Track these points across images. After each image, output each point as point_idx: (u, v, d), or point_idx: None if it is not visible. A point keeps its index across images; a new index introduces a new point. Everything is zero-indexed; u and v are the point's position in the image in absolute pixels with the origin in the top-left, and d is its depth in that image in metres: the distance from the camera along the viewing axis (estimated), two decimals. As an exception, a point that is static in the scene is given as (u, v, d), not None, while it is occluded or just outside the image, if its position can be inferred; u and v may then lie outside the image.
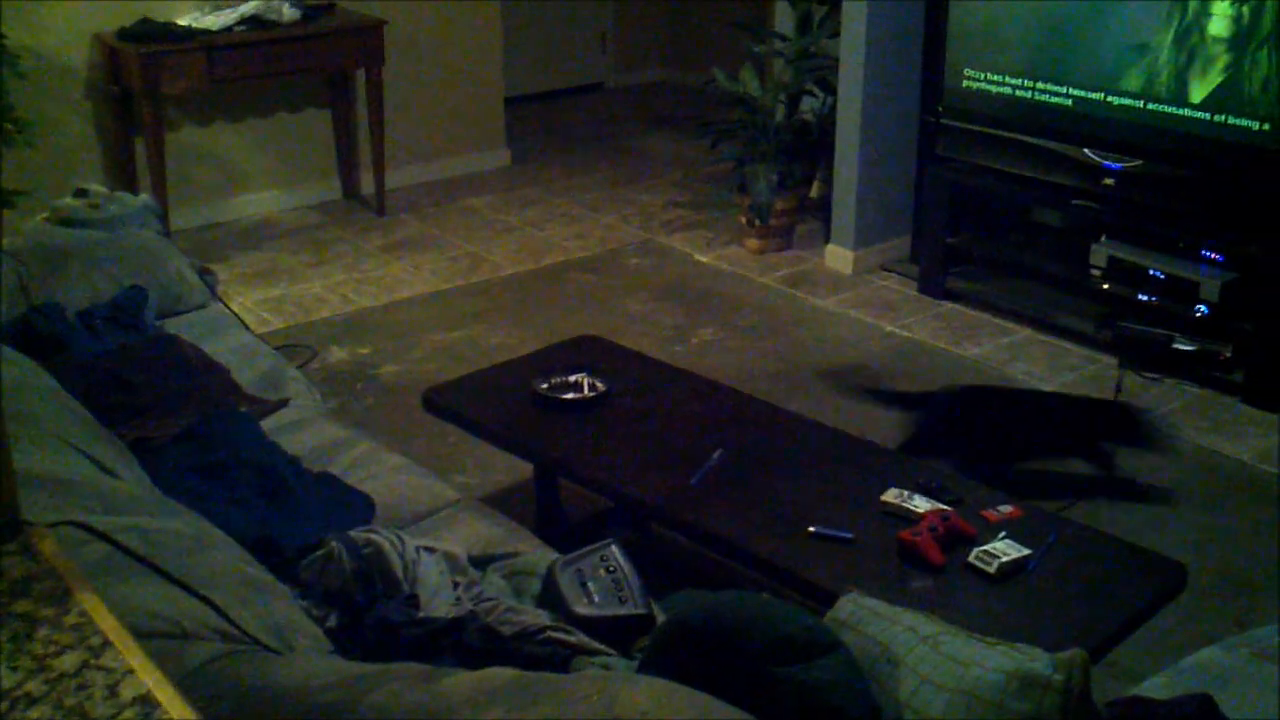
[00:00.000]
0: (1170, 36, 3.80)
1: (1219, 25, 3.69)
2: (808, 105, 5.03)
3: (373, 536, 1.80)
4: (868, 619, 1.72)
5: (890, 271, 4.73)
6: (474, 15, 5.67)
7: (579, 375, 2.82)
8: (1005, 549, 2.18)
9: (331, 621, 1.65)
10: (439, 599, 1.74)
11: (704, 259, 4.90)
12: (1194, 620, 2.68)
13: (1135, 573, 2.30)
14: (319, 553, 1.76)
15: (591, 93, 7.36)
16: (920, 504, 2.28)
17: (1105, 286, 4.05)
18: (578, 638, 1.71)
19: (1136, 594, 2.23)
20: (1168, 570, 2.30)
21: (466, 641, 1.65)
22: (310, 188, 5.40)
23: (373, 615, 1.67)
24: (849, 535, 2.24)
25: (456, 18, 5.61)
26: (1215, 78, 3.72)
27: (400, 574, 1.74)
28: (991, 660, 1.61)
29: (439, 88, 5.63)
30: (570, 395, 2.76)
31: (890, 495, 2.32)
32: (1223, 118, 3.71)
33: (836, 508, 2.34)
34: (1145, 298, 3.93)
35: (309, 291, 4.54)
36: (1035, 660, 1.60)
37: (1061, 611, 2.11)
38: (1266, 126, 3.62)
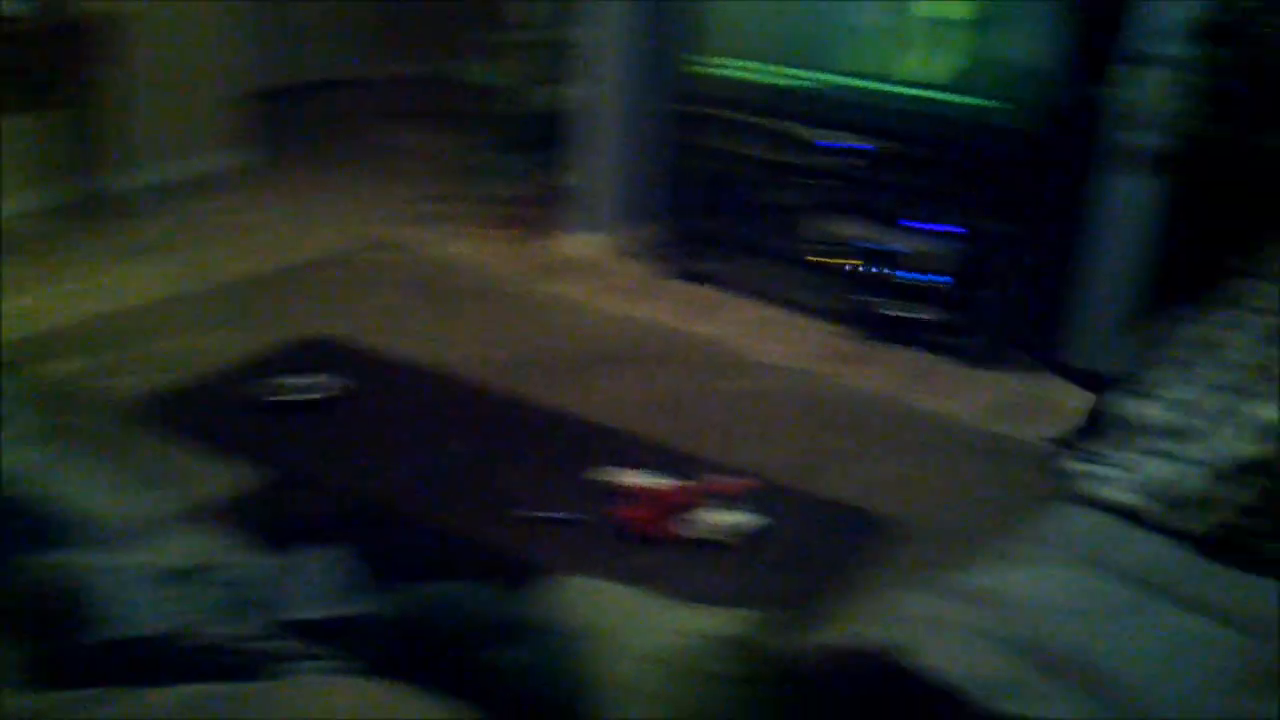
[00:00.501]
0: (906, 20, 4.00)
1: (953, 8, 3.90)
2: (561, 93, 5.05)
3: (72, 557, 1.74)
4: (579, 598, 1.77)
5: (637, 257, 4.82)
6: (216, 9, 5.46)
7: (311, 378, 2.78)
8: (726, 518, 2.28)
9: (25, 651, 1.58)
10: (145, 617, 1.69)
11: (451, 252, 4.87)
12: (908, 570, 2.85)
13: (851, 531, 2.45)
14: (12, 580, 1.69)
15: (349, 87, 7.21)
16: (642, 480, 2.35)
17: (844, 263, 4.24)
18: (292, 644, 1.70)
19: (851, 551, 2.38)
20: (881, 526, 2.46)
21: (173, 658, 1.62)
22: (41, 191, 5.09)
23: (72, 641, 1.61)
24: (569, 516, 2.29)
25: (198, 12, 5.39)
26: (951, 59, 3.94)
27: (102, 595, 1.68)
28: (695, 626, 1.69)
29: (180, 84, 5.39)
30: (300, 398, 2.72)
31: (612, 474, 2.39)
32: (959, 97, 3.93)
33: (560, 490, 2.40)
34: (883, 271, 4.14)
35: (31, 302, 4.29)
36: (736, 623, 1.69)
37: (779, 574, 2.23)
38: (1000, 104, 3.84)
